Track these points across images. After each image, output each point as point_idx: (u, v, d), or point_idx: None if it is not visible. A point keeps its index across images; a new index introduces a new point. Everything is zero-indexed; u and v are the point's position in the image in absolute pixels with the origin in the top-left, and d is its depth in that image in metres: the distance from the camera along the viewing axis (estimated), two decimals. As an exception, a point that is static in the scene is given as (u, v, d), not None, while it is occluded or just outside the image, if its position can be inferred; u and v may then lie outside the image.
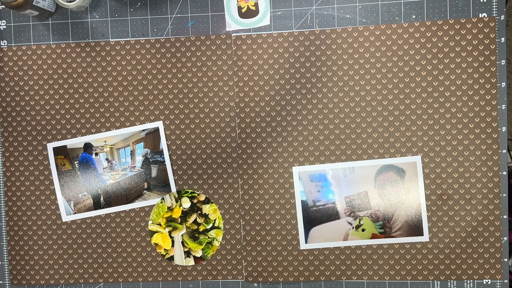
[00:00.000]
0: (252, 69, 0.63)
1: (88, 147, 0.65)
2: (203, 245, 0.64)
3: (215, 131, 0.64)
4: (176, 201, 0.64)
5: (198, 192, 0.64)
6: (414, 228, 0.62)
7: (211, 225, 0.64)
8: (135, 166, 0.64)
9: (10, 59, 0.65)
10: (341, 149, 0.62)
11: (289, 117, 0.63)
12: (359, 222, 0.62)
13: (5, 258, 0.66)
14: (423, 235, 0.62)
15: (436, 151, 0.61)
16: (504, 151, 0.61)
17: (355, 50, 0.62)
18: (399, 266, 0.62)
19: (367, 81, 0.62)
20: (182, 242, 0.64)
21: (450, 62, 0.61)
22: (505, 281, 0.62)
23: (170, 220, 0.64)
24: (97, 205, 0.65)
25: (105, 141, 0.65)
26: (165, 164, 0.64)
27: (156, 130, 0.64)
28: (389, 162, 0.62)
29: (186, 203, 0.64)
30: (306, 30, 0.62)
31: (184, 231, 0.64)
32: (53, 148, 0.65)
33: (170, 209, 0.64)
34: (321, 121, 0.62)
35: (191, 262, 0.64)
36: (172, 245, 0.64)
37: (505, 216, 0.61)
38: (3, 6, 0.65)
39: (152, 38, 0.64)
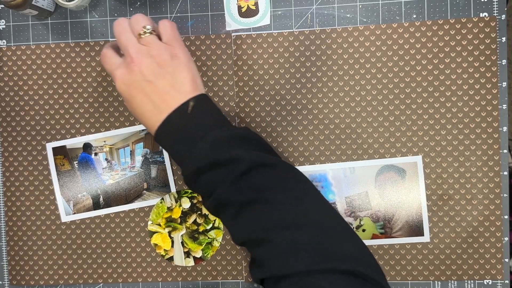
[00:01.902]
0: (252, 69, 0.63)
1: (87, 147, 0.64)
2: (203, 246, 0.64)
3: (215, 131, 0.63)
4: (176, 201, 0.64)
5: (198, 192, 0.64)
6: (415, 229, 0.62)
7: (211, 225, 0.64)
8: (134, 166, 0.64)
9: (9, 59, 0.65)
10: (341, 149, 0.62)
11: (289, 117, 0.62)
12: (360, 223, 0.62)
13: (4, 258, 0.66)
14: (423, 235, 0.61)
15: (437, 151, 0.61)
16: (505, 151, 0.61)
17: (356, 50, 0.62)
18: (400, 267, 0.62)
19: (368, 81, 0.62)
20: (182, 243, 0.64)
21: (451, 62, 0.61)
22: (506, 281, 0.61)
23: (169, 221, 0.64)
24: (96, 205, 0.65)
25: (104, 141, 0.64)
26: (165, 164, 0.64)
27: (156, 130, 0.64)
28: (390, 162, 0.62)
29: (186, 203, 0.64)
30: (307, 29, 0.62)
31: (184, 231, 0.64)
32: (52, 148, 0.65)
33: (169, 209, 0.64)
34: (322, 121, 0.62)
35: (191, 262, 0.64)
36: (172, 246, 0.64)
37: (506, 217, 0.61)
38: (2, 6, 0.65)
39: (151, 37, 0.64)
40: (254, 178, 0.46)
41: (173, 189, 0.64)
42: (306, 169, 0.62)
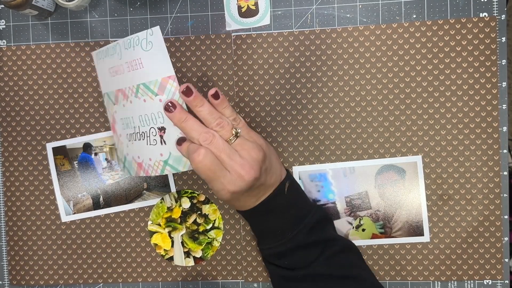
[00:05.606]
0: (252, 69, 0.63)
1: (87, 147, 0.64)
2: (203, 246, 0.64)
3: (215, 131, 0.63)
4: (176, 201, 0.64)
5: (198, 192, 0.64)
6: (415, 228, 0.62)
7: (211, 225, 0.64)
8: (134, 166, 0.64)
9: (9, 59, 0.65)
10: (341, 149, 0.62)
11: (289, 117, 0.62)
12: (359, 222, 0.62)
13: (4, 258, 0.66)
14: (423, 235, 0.61)
15: (437, 151, 0.61)
16: (505, 151, 0.61)
17: (356, 50, 0.62)
18: (400, 267, 0.62)
19: (368, 81, 0.62)
20: (182, 243, 0.64)
21: (450, 62, 0.61)
22: (505, 281, 0.61)
23: (169, 221, 0.64)
24: (96, 205, 0.65)
25: (104, 141, 0.64)
26: (165, 164, 0.64)
27: (156, 130, 0.64)
28: (390, 162, 0.62)
29: (186, 203, 0.64)
30: (306, 29, 0.62)
31: (183, 231, 0.64)
32: (52, 148, 0.65)
33: (169, 209, 0.64)
34: (321, 121, 0.62)
35: (191, 262, 0.64)
36: (172, 246, 0.64)
37: (505, 217, 0.61)
38: (2, 6, 0.65)
39: (151, 37, 0.63)
40: (344, 258, 0.55)
41: (173, 189, 0.64)
42: (306, 169, 0.62)
